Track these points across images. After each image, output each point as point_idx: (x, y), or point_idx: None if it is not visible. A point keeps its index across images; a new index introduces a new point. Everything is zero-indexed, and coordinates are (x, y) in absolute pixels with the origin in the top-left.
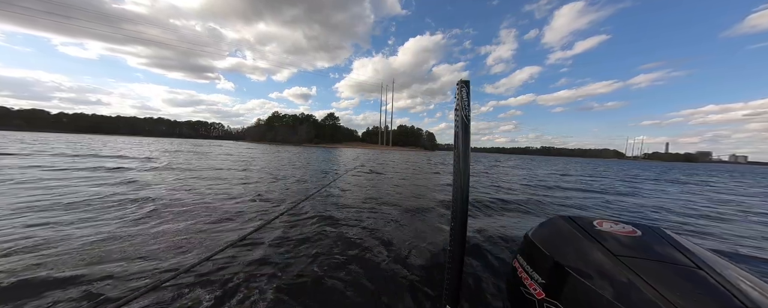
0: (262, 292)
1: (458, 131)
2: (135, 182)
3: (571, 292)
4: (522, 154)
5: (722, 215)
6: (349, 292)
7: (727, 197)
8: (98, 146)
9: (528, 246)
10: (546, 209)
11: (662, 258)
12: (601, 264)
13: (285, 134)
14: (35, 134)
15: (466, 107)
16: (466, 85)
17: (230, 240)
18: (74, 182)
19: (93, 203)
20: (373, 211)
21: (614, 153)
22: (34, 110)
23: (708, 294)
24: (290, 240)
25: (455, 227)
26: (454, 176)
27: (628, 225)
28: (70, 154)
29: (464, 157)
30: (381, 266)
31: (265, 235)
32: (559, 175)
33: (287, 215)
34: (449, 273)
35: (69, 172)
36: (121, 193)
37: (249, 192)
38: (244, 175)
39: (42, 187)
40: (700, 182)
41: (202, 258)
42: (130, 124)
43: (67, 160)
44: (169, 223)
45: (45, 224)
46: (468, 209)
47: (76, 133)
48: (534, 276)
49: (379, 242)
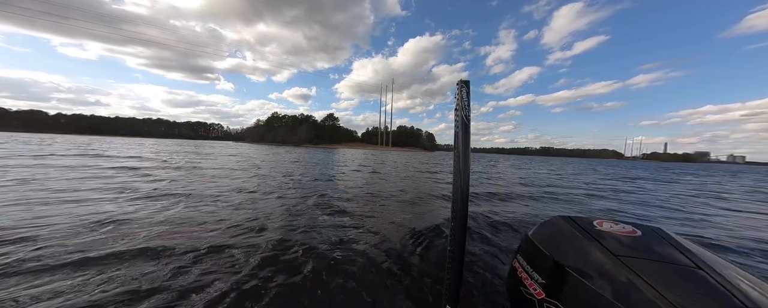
0: (262, 293)
1: (458, 131)
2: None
3: (572, 292)
4: (521, 154)
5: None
6: (349, 292)
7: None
8: (104, 147)
9: (528, 245)
10: (546, 207)
11: (662, 258)
12: (601, 264)
13: (284, 135)
14: (34, 135)
15: (466, 107)
16: (466, 85)
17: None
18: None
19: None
20: (372, 210)
21: (613, 153)
22: (32, 111)
23: (708, 294)
24: (290, 239)
25: (455, 228)
26: (454, 176)
27: (628, 225)
28: (91, 154)
29: (464, 157)
30: (381, 266)
31: (268, 235)
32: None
33: (288, 213)
34: (449, 273)
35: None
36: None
37: (262, 188)
38: (255, 172)
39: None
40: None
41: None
42: (130, 125)
43: (97, 160)
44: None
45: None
46: (468, 210)
47: (75, 134)
48: (534, 276)
49: (378, 242)
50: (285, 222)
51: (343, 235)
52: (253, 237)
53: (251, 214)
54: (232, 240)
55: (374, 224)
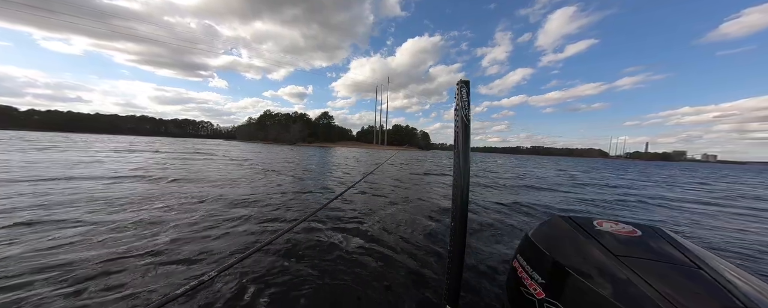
0: (262, 292)
1: (458, 131)
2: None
3: (571, 292)
4: (512, 153)
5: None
6: (349, 292)
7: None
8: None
9: (528, 245)
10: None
11: (662, 258)
12: (601, 264)
13: (277, 133)
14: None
15: (466, 107)
16: (466, 85)
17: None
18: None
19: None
20: (372, 210)
21: (599, 153)
22: (1, 107)
23: (708, 294)
24: (289, 238)
25: (455, 228)
26: (454, 177)
27: (627, 225)
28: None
29: (464, 157)
30: (381, 266)
31: (262, 235)
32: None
33: (285, 207)
34: (449, 273)
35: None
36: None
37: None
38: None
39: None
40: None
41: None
42: (110, 121)
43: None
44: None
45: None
46: (468, 210)
47: (46, 131)
48: (534, 276)
49: (378, 241)
50: (282, 222)
51: (343, 235)
52: (249, 236)
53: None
54: (213, 244)
55: (374, 224)
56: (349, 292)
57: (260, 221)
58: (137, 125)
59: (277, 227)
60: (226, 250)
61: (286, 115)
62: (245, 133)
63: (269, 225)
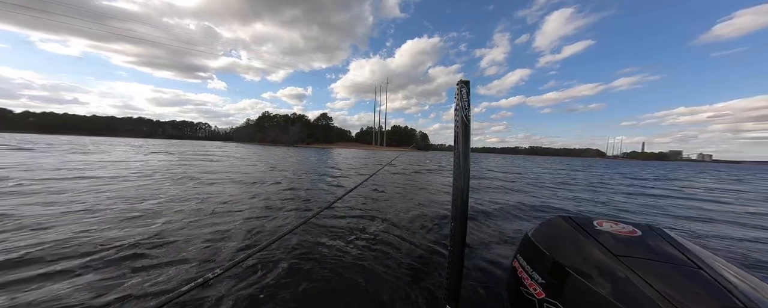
0: (262, 292)
1: (458, 131)
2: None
3: (571, 292)
4: (511, 153)
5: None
6: (350, 292)
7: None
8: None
9: (528, 245)
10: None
11: (662, 258)
12: (601, 264)
13: (276, 135)
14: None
15: (466, 108)
16: (466, 85)
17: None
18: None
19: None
20: (372, 210)
21: (597, 153)
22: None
23: (707, 294)
24: (288, 239)
25: (455, 228)
26: (454, 177)
27: (627, 225)
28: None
29: (464, 157)
30: (381, 266)
31: (262, 235)
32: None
33: (281, 209)
34: (449, 273)
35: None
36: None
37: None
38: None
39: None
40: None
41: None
42: (107, 123)
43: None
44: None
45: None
46: (468, 210)
47: (41, 133)
48: (534, 276)
49: (378, 242)
50: (279, 222)
51: (343, 235)
52: (248, 237)
53: (238, 215)
54: (213, 246)
55: (374, 224)
56: (349, 292)
57: (261, 221)
58: (134, 127)
59: (279, 227)
60: (228, 249)
61: (284, 116)
62: (243, 134)
63: (270, 226)
